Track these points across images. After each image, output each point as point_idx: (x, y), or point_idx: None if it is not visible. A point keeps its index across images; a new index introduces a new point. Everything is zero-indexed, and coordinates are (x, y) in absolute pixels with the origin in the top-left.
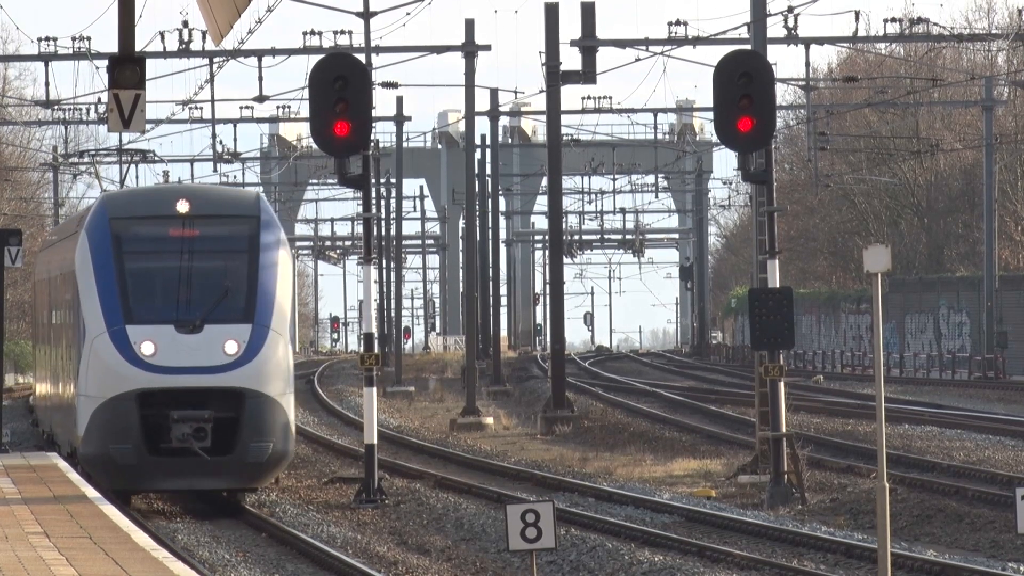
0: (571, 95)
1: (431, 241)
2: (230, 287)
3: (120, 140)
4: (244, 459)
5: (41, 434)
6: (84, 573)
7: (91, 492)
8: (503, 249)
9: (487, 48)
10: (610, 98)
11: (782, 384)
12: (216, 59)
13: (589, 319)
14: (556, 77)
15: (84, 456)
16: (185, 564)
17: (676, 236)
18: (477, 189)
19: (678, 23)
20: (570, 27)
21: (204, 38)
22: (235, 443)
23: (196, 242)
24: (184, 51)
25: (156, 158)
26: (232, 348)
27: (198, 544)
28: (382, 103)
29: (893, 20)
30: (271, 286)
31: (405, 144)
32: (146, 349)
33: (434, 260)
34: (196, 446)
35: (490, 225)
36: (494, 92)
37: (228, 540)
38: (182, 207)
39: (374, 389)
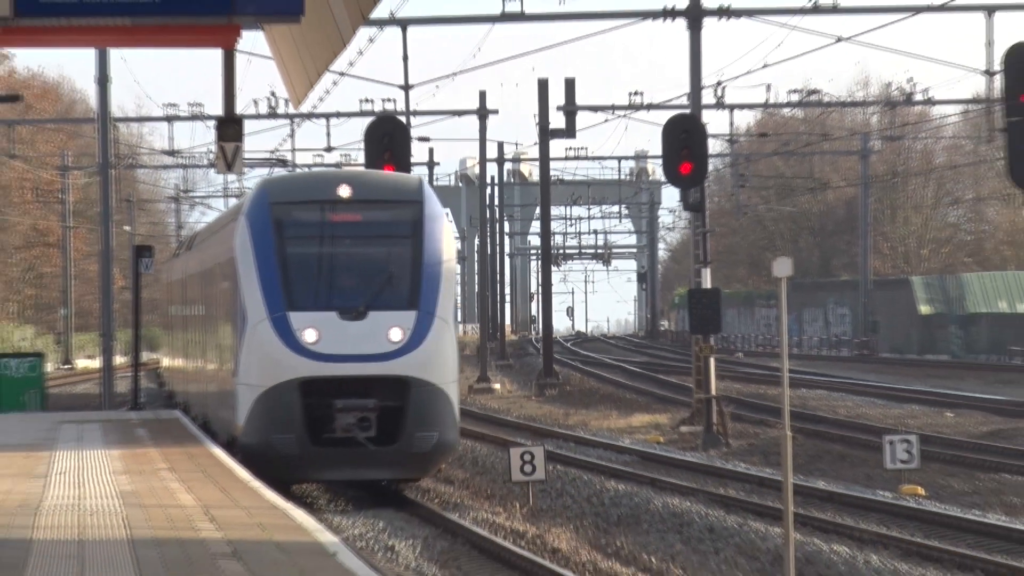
0: (557, 146)
1: None
2: (394, 273)
3: (224, 180)
4: (409, 449)
5: (194, 419)
6: (198, 496)
7: (205, 439)
8: (507, 260)
9: (495, 112)
10: (586, 148)
11: (712, 359)
12: (295, 119)
13: (570, 311)
14: (546, 134)
15: (244, 446)
16: (274, 492)
17: (634, 250)
18: (488, 216)
19: (636, 93)
20: (556, 94)
21: (286, 104)
22: (400, 433)
23: (359, 227)
24: (272, 114)
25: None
26: (397, 335)
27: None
28: (418, 153)
29: (795, 91)
30: (436, 272)
31: (435, 183)
32: (309, 336)
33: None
34: (360, 436)
35: (497, 242)
36: (500, 144)
37: None
38: (344, 192)
39: None
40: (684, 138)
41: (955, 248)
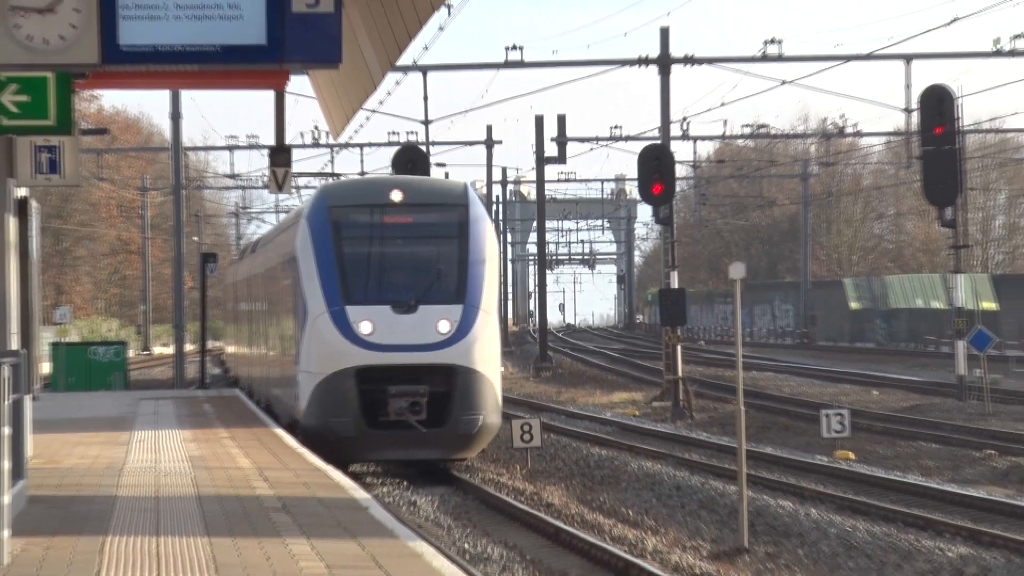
0: (551, 171)
1: None
2: (442, 270)
3: (276, 199)
4: (456, 431)
5: (257, 402)
6: (254, 460)
7: (260, 414)
8: (509, 265)
9: (500, 142)
10: (575, 172)
11: (679, 347)
12: (334, 148)
13: (562, 307)
14: (541, 161)
15: (305, 428)
16: (317, 457)
17: (614, 256)
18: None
19: (616, 127)
20: (550, 127)
21: (327, 135)
22: (448, 416)
23: (410, 228)
24: (315, 144)
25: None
26: (445, 327)
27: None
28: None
29: (747, 125)
30: (480, 269)
31: None
32: (364, 328)
33: None
34: (412, 419)
35: (501, 250)
36: (504, 169)
37: None
38: (396, 196)
39: None
40: (656, 164)
41: (879, 255)
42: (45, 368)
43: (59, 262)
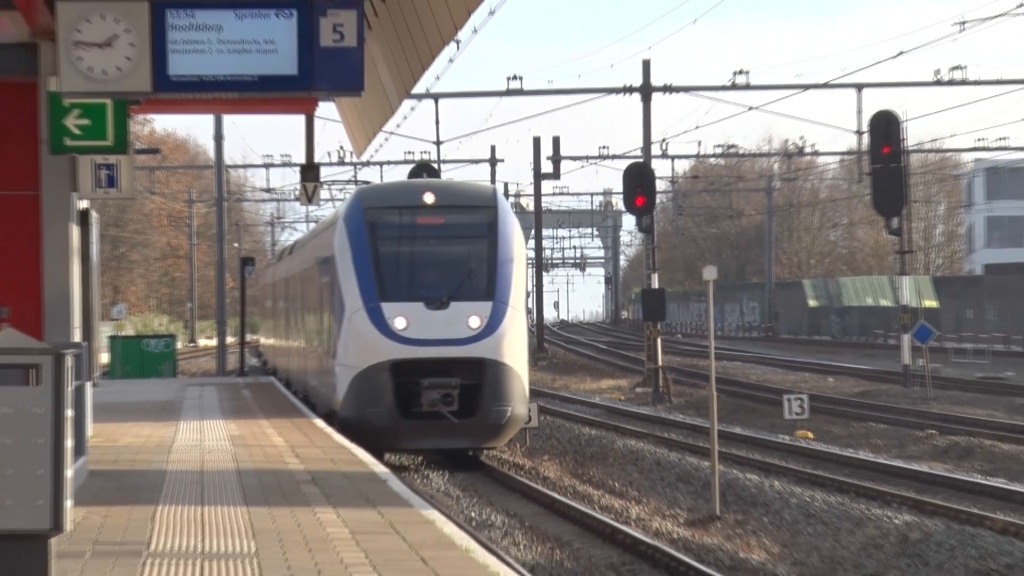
0: (547, 185)
1: None
2: (473, 268)
3: (306, 211)
4: (486, 421)
5: (295, 392)
6: (286, 439)
7: (292, 398)
8: None
9: (502, 160)
10: (567, 187)
11: (659, 339)
12: (357, 166)
13: (556, 305)
14: (538, 177)
15: (342, 418)
16: (345, 438)
17: (603, 260)
18: None
19: (604, 147)
20: (546, 147)
21: (351, 154)
22: (478, 407)
23: (441, 229)
24: (340, 162)
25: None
26: (475, 323)
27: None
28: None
29: (718, 146)
30: (508, 268)
31: None
32: (399, 324)
33: None
34: (444, 410)
35: None
36: (506, 184)
37: None
38: (428, 199)
39: None
40: (638, 180)
41: (834, 259)
42: (104, 358)
43: (116, 265)
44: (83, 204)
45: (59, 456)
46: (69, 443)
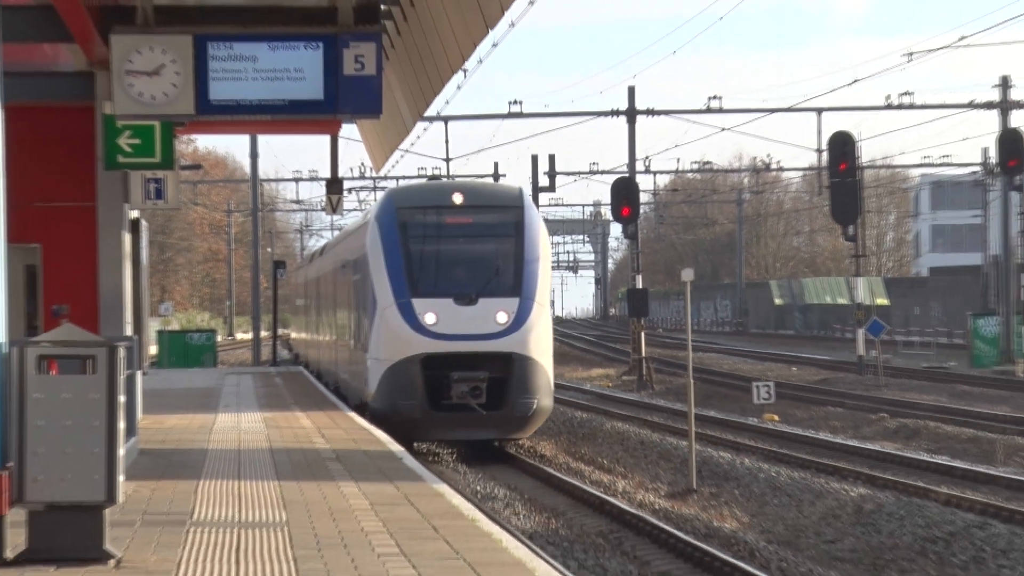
0: (544, 197)
1: None
2: (500, 266)
3: (331, 220)
4: (513, 413)
5: (326, 384)
6: (313, 421)
7: (318, 385)
8: None
9: (504, 175)
10: (562, 198)
11: (642, 333)
12: (376, 180)
13: (552, 303)
14: (536, 189)
15: (374, 410)
16: (362, 419)
17: (593, 264)
18: None
19: (594, 163)
20: (543, 162)
21: (370, 170)
22: (505, 399)
23: (470, 228)
24: (361, 176)
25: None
26: (503, 318)
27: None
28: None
29: (695, 162)
30: (534, 265)
31: None
32: (429, 319)
33: None
34: (473, 402)
35: None
36: None
37: None
38: (457, 199)
39: None
40: (624, 192)
41: (797, 262)
42: (152, 350)
43: (163, 268)
44: (134, 214)
45: (113, 436)
46: (121, 425)
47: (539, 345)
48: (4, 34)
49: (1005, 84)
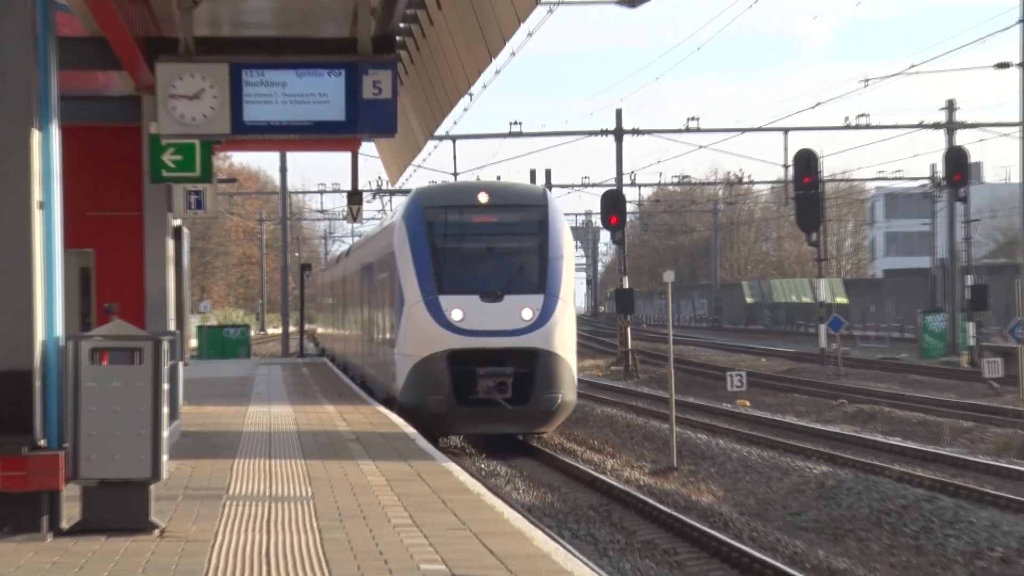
0: None
1: None
2: (525, 263)
3: (352, 228)
4: (538, 408)
5: (352, 378)
6: (335, 407)
7: (340, 374)
8: None
9: None
10: None
11: (628, 328)
12: (393, 193)
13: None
14: None
15: (402, 404)
16: (378, 404)
17: (585, 266)
18: None
19: (585, 177)
20: (540, 177)
21: (386, 183)
22: (531, 394)
23: (495, 227)
24: (379, 190)
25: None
26: (528, 315)
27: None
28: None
29: (675, 176)
30: (559, 263)
31: None
32: (455, 315)
33: None
34: (499, 397)
35: None
36: None
37: None
38: (483, 198)
39: None
40: (613, 203)
41: (767, 265)
42: (193, 343)
43: (202, 270)
44: (176, 222)
45: (157, 420)
46: (165, 410)
47: (563, 341)
48: (61, 63)
49: (950, 107)
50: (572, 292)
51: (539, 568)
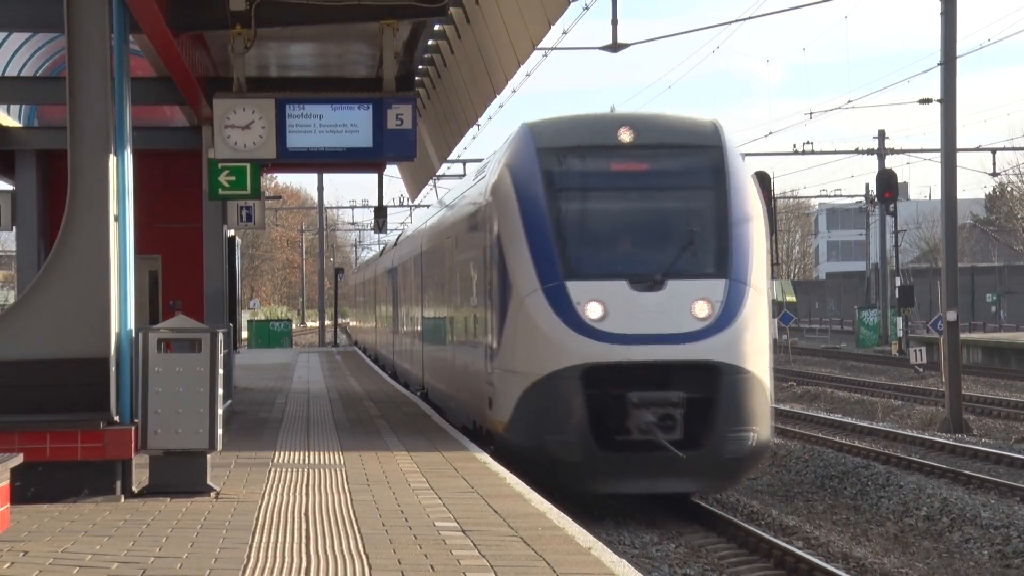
0: None
1: None
2: (695, 233)
3: (378, 237)
4: (721, 454)
5: (405, 384)
6: (363, 387)
7: (368, 361)
8: None
9: None
10: None
11: None
12: (413, 207)
13: None
14: None
15: (507, 446)
16: (397, 384)
17: None
18: None
19: None
20: None
21: (408, 199)
22: (709, 433)
23: (647, 177)
24: (401, 204)
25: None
26: (703, 310)
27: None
28: None
29: None
30: (745, 231)
31: None
32: (592, 312)
33: None
34: (662, 438)
35: None
36: None
37: None
38: (625, 136)
39: None
40: None
41: None
42: (244, 335)
43: (252, 273)
44: (230, 233)
45: (214, 399)
46: (220, 391)
47: (756, 350)
48: (134, 99)
49: (882, 136)
50: (766, 275)
51: (536, 525)
